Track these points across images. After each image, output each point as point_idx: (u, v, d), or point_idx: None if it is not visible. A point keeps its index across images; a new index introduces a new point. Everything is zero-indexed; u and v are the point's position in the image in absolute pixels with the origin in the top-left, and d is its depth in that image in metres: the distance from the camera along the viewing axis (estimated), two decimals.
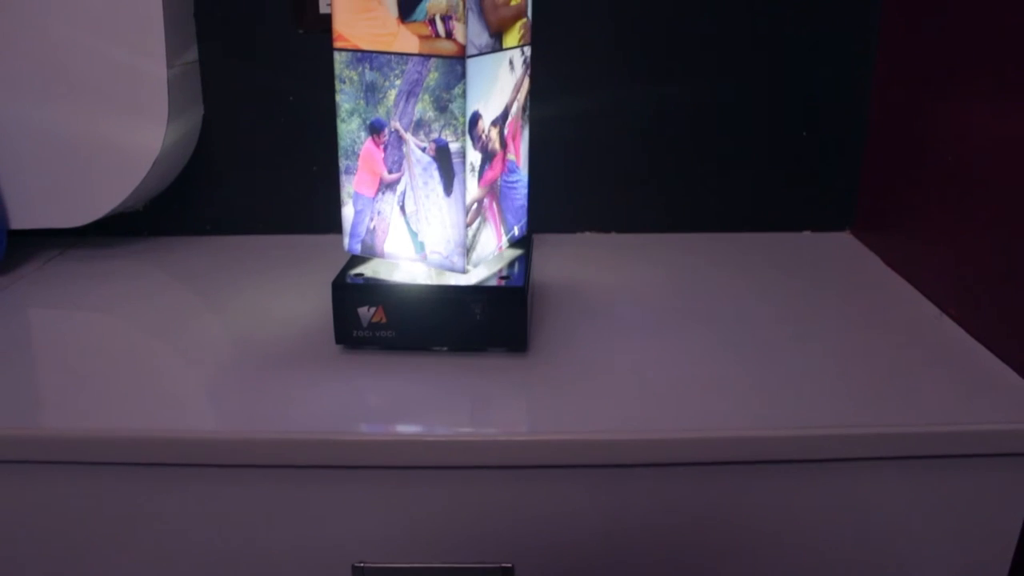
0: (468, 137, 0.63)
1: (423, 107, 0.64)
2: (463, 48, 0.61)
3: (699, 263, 0.88)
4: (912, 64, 0.83)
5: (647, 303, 0.78)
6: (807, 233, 0.97)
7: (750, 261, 0.88)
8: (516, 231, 0.71)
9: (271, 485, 0.59)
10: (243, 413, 0.61)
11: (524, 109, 0.69)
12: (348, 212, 0.70)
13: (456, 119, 0.63)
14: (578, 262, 0.88)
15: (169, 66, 0.83)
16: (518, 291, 0.66)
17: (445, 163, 0.64)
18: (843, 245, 0.94)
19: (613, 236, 0.96)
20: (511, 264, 0.70)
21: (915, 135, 0.82)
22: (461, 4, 0.60)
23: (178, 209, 0.96)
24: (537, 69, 0.67)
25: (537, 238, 0.92)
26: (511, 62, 0.66)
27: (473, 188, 0.65)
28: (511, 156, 0.68)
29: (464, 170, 0.64)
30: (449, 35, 0.61)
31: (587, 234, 0.96)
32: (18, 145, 0.84)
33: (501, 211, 0.68)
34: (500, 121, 0.66)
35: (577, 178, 0.94)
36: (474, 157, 0.64)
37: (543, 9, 0.66)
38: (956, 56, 0.75)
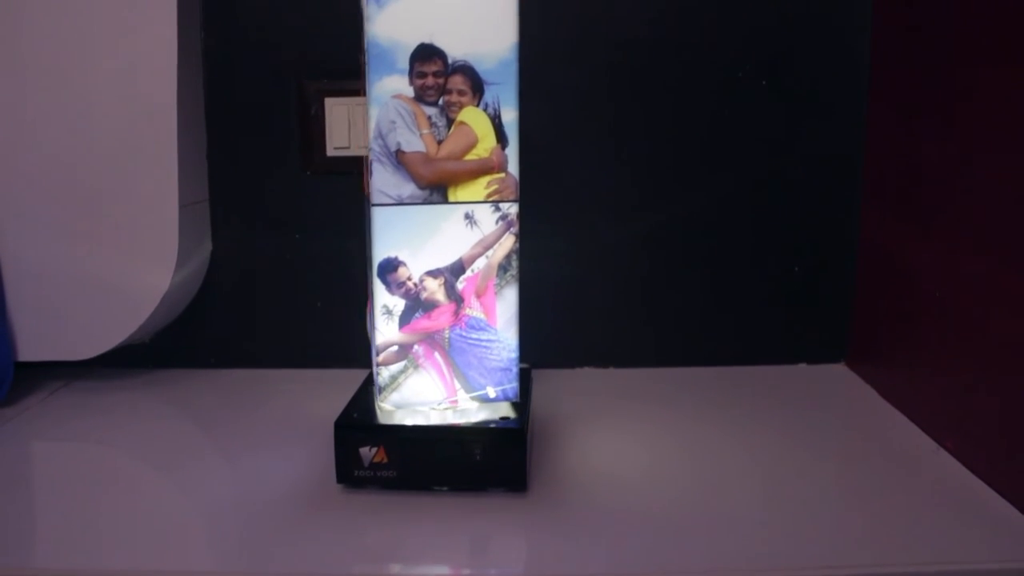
0: (377, 280, 0.66)
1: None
2: (368, 196, 0.65)
3: (696, 398, 0.89)
4: (897, 200, 0.86)
5: (646, 440, 0.79)
6: (802, 366, 0.98)
7: (746, 395, 0.89)
8: (494, 393, 0.70)
9: None
10: (242, 552, 0.60)
11: (504, 268, 0.68)
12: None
13: (370, 261, 0.66)
14: (577, 399, 0.88)
15: (181, 206, 0.86)
16: (518, 432, 0.66)
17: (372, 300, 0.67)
18: (838, 377, 0.95)
19: (611, 371, 0.97)
20: (512, 405, 0.71)
21: (903, 269, 0.84)
22: (367, 154, 0.64)
23: (183, 342, 0.97)
24: (529, 209, 0.69)
25: (537, 374, 0.93)
26: (468, 216, 0.67)
27: (388, 331, 0.67)
28: (475, 312, 0.68)
29: (374, 310, 0.66)
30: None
31: (586, 369, 0.97)
32: (27, 278, 0.86)
33: (457, 366, 0.68)
34: (448, 273, 0.67)
35: (574, 314, 0.96)
36: (388, 301, 0.66)
37: (527, 152, 0.68)
38: (940, 192, 0.77)
